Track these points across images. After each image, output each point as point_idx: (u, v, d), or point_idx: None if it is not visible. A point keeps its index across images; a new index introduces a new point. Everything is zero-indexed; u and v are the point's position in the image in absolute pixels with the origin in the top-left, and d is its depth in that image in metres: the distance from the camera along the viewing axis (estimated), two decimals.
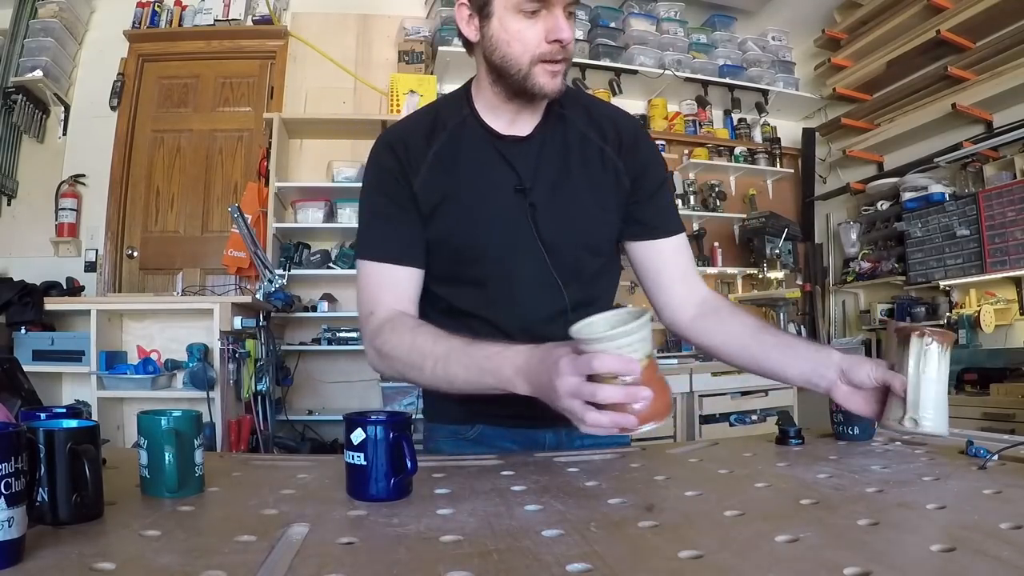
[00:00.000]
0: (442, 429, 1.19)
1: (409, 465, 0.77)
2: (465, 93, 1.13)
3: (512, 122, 1.09)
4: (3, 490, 0.54)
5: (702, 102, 4.66)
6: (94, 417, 2.62)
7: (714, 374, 3.82)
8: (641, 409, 0.75)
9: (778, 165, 4.77)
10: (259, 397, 3.01)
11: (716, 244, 4.57)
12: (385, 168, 1.10)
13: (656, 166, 1.15)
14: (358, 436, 0.78)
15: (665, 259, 1.14)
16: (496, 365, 0.89)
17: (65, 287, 3.58)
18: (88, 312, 2.78)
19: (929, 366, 0.89)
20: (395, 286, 1.06)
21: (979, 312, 3.55)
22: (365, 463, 0.77)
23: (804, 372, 1.00)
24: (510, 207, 1.06)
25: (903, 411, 0.89)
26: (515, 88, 1.02)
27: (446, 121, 1.10)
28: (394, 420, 0.79)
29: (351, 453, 0.78)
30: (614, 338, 0.74)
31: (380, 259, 1.07)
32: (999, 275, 3.53)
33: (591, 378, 0.76)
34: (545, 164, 1.08)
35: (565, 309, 1.07)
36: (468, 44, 1.07)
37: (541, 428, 1.14)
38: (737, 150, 4.70)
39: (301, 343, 3.91)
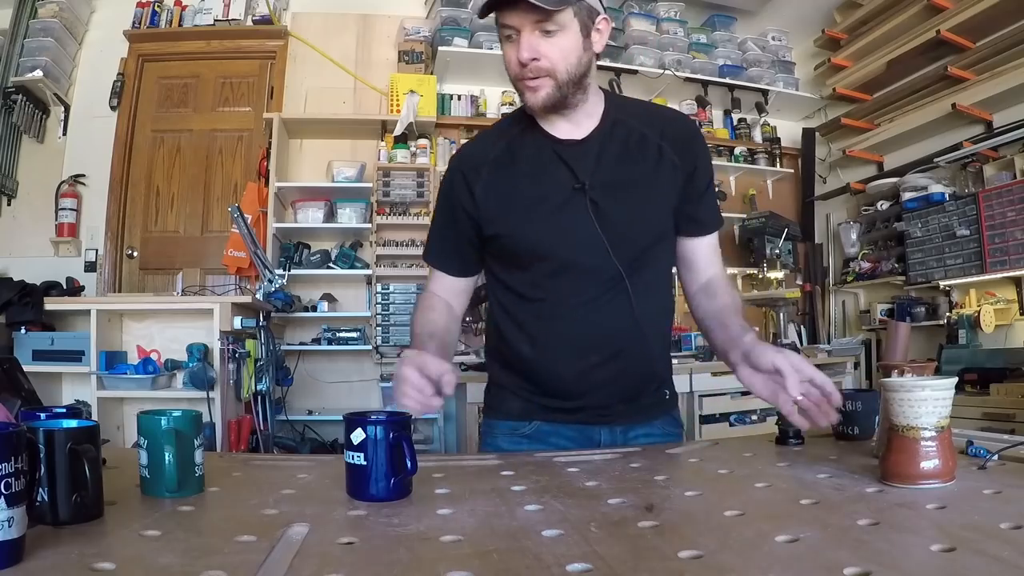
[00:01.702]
0: (501, 425, 1.25)
1: (409, 465, 0.77)
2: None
3: (568, 129, 1.16)
4: (3, 490, 0.54)
5: (702, 102, 4.66)
6: (94, 417, 2.62)
7: (714, 374, 3.82)
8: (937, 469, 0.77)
9: (778, 165, 4.77)
10: (259, 397, 3.01)
11: None
12: (448, 181, 1.23)
13: (706, 165, 1.22)
14: (358, 436, 0.78)
15: (700, 252, 1.24)
16: None
17: (65, 287, 3.59)
18: (88, 312, 2.78)
19: None
20: (443, 283, 1.28)
21: (979, 312, 3.55)
22: (365, 463, 0.77)
23: (722, 353, 1.12)
24: (570, 205, 1.13)
25: None
26: None
27: (508, 131, 1.21)
28: (394, 420, 0.79)
29: (351, 453, 0.78)
30: (923, 387, 0.78)
31: (431, 262, 1.28)
32: (999, 275, 3.53)
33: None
34: (604, 163, 1.15)
35: (629, 298, 1.15)
36: None
37: (596, 425, 1.20)
38: (737, 150, 4.70)
39: (301, 343, 3.92)
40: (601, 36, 1.11)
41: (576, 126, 1.16)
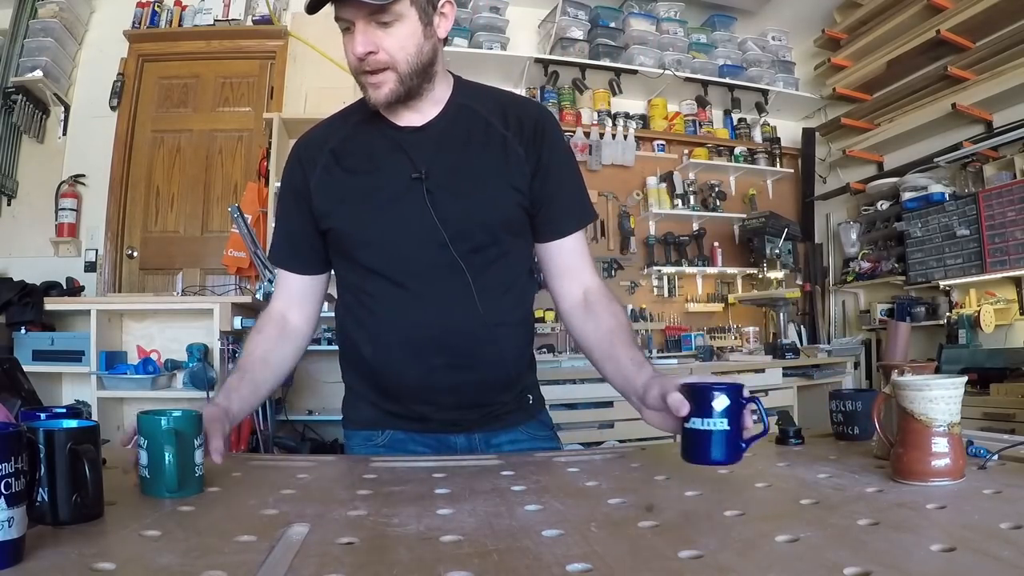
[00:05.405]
0: (356, 435, 1.20)
1: (765, 426, 0.89)
2: None
3: (410, 116, 1.11)
4: (3, 490, 0.54)
5: (702, 102, 4.66)
6: (94, 417, 2.62)
7: (713, 374, 3.82)
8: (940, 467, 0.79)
9: (778, 165, 4.77)
10: None
11: (716, 244, 4.57)
12: (287, 172, 1.18)
13: (559, 158, 1.14)
14: (721, 403, 0.82)
15: (555, 255, 1.17)
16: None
17: (65, 287, 3.58)
18: (88, 312, 2.79)
19: None
20: (287, 288, 1.21)
21: (979, 312, 3.55)
22: (728, 428, 0.82)
23: (621, 391, 1.05)
24: (407, 195, 1.08)
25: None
26: None
27: (350, 119, 1.16)
28: (736, 387, 0.84)
29: (713, 421, 0.82)
30: (932, 387, 0.80)
31: (277, 264, 1.21)
32: (999, 275, 3.53)
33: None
34: (443, 151, 1.10)
35: (472, 295, 1.08)
36: None
37: (453, 433, 1.16)
38: (737, 150, 4.70)
39: None
40: (446, 20, 1.06)
41: (418, 113, 1.11)
